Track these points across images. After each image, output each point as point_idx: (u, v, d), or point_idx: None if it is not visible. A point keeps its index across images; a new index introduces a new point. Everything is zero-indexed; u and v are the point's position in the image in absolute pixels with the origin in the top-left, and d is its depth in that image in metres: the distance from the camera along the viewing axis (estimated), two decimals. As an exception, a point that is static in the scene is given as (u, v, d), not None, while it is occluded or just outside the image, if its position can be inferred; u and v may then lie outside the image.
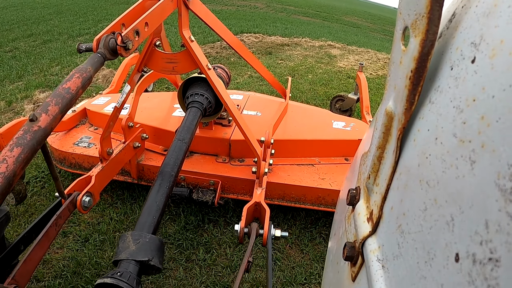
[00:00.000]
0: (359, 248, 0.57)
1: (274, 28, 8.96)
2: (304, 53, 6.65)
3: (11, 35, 6.45)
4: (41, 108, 0.99)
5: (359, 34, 11.39)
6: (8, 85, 4.09)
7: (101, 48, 1.23)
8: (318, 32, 9.54)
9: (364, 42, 9.09)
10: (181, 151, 1.54)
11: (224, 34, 2.01)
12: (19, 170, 0.87)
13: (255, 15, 11.69)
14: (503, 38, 0.34)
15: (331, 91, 4.58)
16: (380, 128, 0.56)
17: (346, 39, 8.99)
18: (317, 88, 4.72)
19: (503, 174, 0.29)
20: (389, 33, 14.80)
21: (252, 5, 14.72)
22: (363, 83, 3.09)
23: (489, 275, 0.29)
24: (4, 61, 4.95)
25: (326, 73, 5.47)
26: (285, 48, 6.99)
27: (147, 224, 1.19)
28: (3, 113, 3.38)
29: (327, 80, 5.08)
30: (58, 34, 6.65)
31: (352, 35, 10.67)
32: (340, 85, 4.91)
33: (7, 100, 3.61)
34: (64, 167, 2.25)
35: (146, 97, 2.62)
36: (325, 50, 7.17)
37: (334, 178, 2.05)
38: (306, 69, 5.57)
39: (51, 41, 6.11)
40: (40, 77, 4.35)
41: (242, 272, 1.21)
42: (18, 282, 1.05)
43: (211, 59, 5.60)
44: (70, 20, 7.99)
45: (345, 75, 5.42)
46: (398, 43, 0.51)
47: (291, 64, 5.78)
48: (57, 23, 7.66)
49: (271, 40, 7.49)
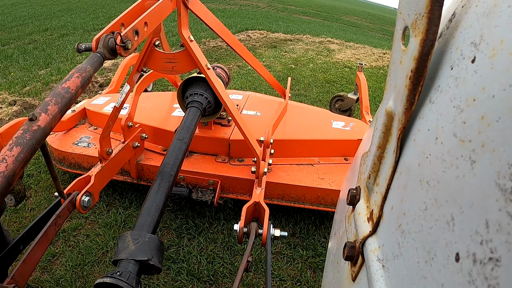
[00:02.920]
0: (359, 248, 0.57)
1: (277, 26, 9.37)
2: (305, 47, 7.17)
3: (26, 29, 6.76)
4: (41, 107, 0.99)
5: (358, 33, 11.66)
6: (39, 71, 4.58)
7: (101, 48, 1.23)
8: (318, 30, 9.80)
9: (362, 40, 9.38)
10: (181, 151, 1.54)
11: (224, 34, 2.01)
12: (19, 169, 0.87)
13: (257, 14, 11.88)
14: (503, 38, 0.34)
15: (329, 77, 5.22)
16: (380, 128, 0.56)
17: (345, 36, 9.36)
18: (317, 74, 5.31)
19: (503, 174, 0.29)
20: (388, 32, 14.89)
21: (254, 5, 14.90)
22: (363, 83, 3.09)
23: (490, 274, 0.29)
24: (27, 52, 5.36)
25: (325, 63, 6.06)
26: (288, 43, 7.49)
27: (146, 223, 1.19)
28: (43, 91, 3.89)
29: (326, 69, 5.67)
30: (73, 28, 6.91)
31: (351, 33, 11.00)
32: (337, 73, 5.48)
33: (43, 82, 4.11)
34: (63, 167, 2.25)
35: (145, 97, 2.62)
36: (324, 45, 7.65)
37: (334, 178, 2.05)
38: (308, 60, 6.17)
39: (68, 35, 6.41)
40: (68, 64, 4.83)
41: (241, 271, 1.21)
42: (18, 281, 1.05)
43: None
44: (81, 17, 8.26)
45: (342, 65, 5.99)
46: (398, 43, 0.51)
47: (294, 56, 6.36)
48: (69, 19, 7.92)
49: (275, 36, 7.97)
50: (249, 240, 1.39)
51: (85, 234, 1.98)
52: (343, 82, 5.02)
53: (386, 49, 7.68)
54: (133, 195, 2.29)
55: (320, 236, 2.08)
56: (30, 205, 2.17)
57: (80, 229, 2.02)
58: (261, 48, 6.79)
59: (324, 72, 5.44)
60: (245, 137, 1.79)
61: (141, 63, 1.76)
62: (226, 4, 13.77)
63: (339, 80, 5.14)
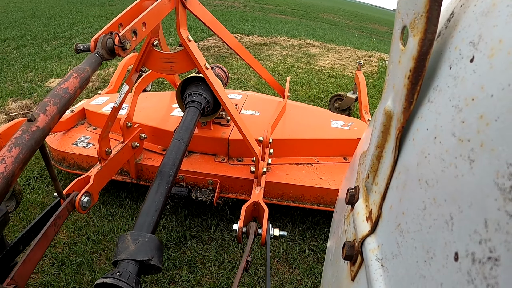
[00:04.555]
0: (358, 247, 0.57)
1: (252, 28, 8.75)
2: (283, 53, 6.54)
3: (-17, 40, 6.04)
4: (39, 108, 0.99)
5: (337, 32, 11.18)
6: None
7: (99, 48, 1.23)
8: (296, 30, 9.38)
9: (343, 39, 8.97)
10: (180, 150, 1.54)
11: (222, 33, 2.01)
12: (18, 170, 0.87)
13: (232, 14, 11.43)
14: (501, 37, 0.34)
15: (312, 92, 4.49)
16: (379, 127, 0.56)
17: (324, 37, 8.89)
18: (298, 89, 4.62)
19: (502, 173, 0.29)
20: (367, 30, 14.65)
21: (229, 5, 14.49)
22: (362, 82, 3.09)
23: (488, 274, 0.29)
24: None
25: (306, 72, 5.35)
26: (264, 48, 6.85)
27: (146, 224, 1.19)
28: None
29: (307, 80, 4.97)
30: (32, 38, 6.35)
31: (330, 32, 10.53)
32: (321, 85, 4.79)
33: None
34: (63, 167, 2.25)
35: (144, 97, 2.62)
36: (304, 49, 7.00)
37: (333, 178, 2.05)
38: (286, 69, 5.47)
39: (25, 46, 5.86)
40: (13, 84, 4.16)
41: (241, 271, 1.21)
42: (17, 282, 1.05)
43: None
44: (44, 24, 7.68)
45: (325, 74, 5.33)
46: (397, 42, 0.51)
47: (270, 65, 5.67)
48: (31, 27, 7.32)
49: (249, 40, 7.32)
50: (248, 239, 1.39)
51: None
52: (328, 98, 3.94)
53: (371, 51, 7.26)
54: (110, 210, 2.21)
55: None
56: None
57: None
58: (232, 56, 5.85)
59: (305, 85, 4.73)
60: (244, 136, 1.79)
61: (140, 63, 1.76)
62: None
63: (324, 95, 4.39)
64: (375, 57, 6.88)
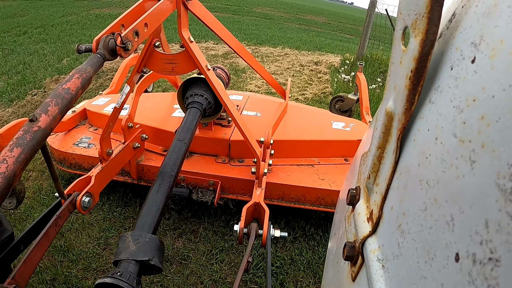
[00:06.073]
0: (359, 248, 0.57)
1: (172, 32, 7.02)
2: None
3: None
4: (41, 108, 0.99)
5: (273, 27, 10.36)
6: None
7: (101, 49, 1.23)
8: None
9: (280, 36, 8.15)
10: (181, 151, 1.54)
11: (224, 35, 2.01)
12: (19, 170, 0.87)
13: None
14: (503, 38, 0.34)
15: None
16: (380, 128, 0.56)
17: (258, 36, 7.93)
18: None
19: (503, 174, 0.29)
20: (304, 21, 13.81)
21: None
22: (363, 84, 3.09)
23: (489, 275, 0.29)
24: None
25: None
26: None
27: (146, 224, 1.19)
28: None
29: None
30: None
31: (265, 28, 9.72)
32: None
33: None
34: (64, 168, 2.25)
35: (145, 98, 2.62)
36: (231, 61, 5.43)
37: (334, 179, 2.05)
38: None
39: None
40: None
41: (241, 271, 1.21)
42: (18, 282, 1.05)
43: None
44: None
45: None
46: (398, 43, 0.51)
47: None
48: None
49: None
50: (249, 240, 1.39)
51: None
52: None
53: (315, 53, 6.00)
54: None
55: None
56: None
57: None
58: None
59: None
60: (245, 137, 1.79)
61: (141, 64, 1.76)
62: (115, 6, 11.12)
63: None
64: (323, 63, 5.59)
